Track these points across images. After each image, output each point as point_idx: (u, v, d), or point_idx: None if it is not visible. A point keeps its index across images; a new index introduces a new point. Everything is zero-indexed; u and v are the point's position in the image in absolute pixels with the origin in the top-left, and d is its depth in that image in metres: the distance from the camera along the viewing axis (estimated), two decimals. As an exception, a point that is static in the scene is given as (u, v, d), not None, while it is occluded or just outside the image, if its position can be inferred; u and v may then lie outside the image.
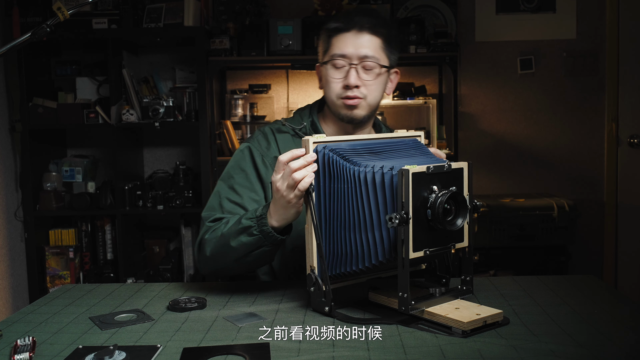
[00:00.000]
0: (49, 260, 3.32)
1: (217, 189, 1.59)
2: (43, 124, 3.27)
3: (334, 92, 1.58)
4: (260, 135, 1.65)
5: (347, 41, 1.56)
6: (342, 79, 1.56)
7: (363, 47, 1.56)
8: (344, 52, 1.55)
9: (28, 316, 1.37)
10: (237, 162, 1.60)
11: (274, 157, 1.58)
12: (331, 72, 1.57)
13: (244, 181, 1.57)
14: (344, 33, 1.57)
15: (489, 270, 3.26)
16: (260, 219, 1.37)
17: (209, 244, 1.45)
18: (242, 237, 1.38)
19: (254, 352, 1.10)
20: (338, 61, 1.56)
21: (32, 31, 1.36)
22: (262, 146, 1.62)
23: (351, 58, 1.55)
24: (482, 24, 3.67)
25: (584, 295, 1.41)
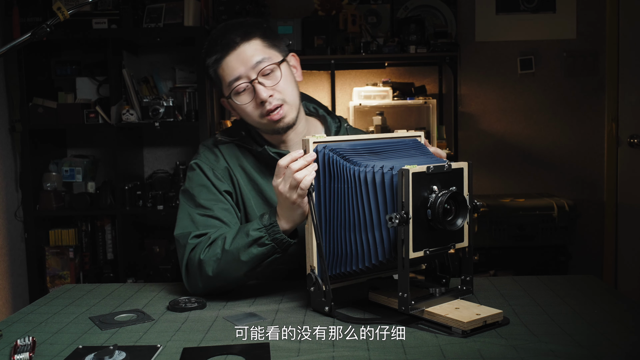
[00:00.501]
0: (49, 260, 3.32)
1: (184, 210, 1.53)
2: (43, 124, 3.27)
3: (255, 115, 1.51)
4: (205, 150, 1.61)
5: (232, 63, 1.48)
6: (253, 100, 1.49)
7: (249, 57, 1.48)
8: (237, 75, 1.48)
9: (28, 316, 1.37)
10: (194, 181, 1.56)
11: (224, 167, 1.56)
12: (239, 100, 1.50)
13: (208, 195, 1.53)
14: (225, 59, 1.49)
15: (489, 270, 3.26)
16: (270, 227, 1.36)
17: (208, 264, 1.41)
18: (252, 249, 1.36)
19: (253, 352, 1.10)
20: (239, 86, 1.48)
21: (32, 31, 1.36)
22: (210, 160, 1.57)
23: (247, 75, 1.48)
24: (482, 24, 3.67)
25: (584, 295, 1.41)
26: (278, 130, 1.52)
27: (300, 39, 3.32)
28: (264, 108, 1.48)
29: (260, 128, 1.55)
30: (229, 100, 1.53)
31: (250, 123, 1.55)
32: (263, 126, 1.53)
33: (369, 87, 3.59)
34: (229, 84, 1.49)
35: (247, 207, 1.55)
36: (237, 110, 1.54)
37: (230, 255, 1.38)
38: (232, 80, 1.49)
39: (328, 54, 3.37)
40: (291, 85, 1.53)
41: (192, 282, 1.45)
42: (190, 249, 1.45)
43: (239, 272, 1.40)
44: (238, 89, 1.49)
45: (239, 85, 1.48)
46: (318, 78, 3.69)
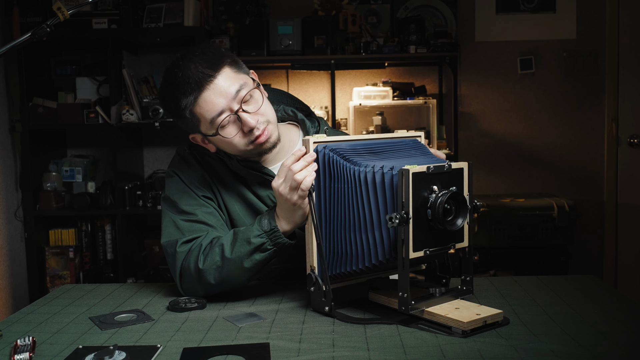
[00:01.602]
0: (49, 260, 3.32)
1: (168, 218, 1.51)
2: (43, 124, 3.27)
3: (242, 145, 1.44)
4: (180, 158, 1.58)
5: (212, 99, 1.39)
6: (240, 130, 1.42)
7: (227, 88, 1.40)
8: (219, 110, 1.40)
9: (28, 316, 1.37)
10: (173, 187, 1.53)
11: (201, 175, 1.53)
12: (226, 133, 1.42)
13: (189, 200, 1.50)
14: (201, 95, 1.39)
15: (489, 270, 3.26)
16: (271, 232, 1.35)
17: (209, 273, 1.39)
18: (255, 255, 1.37)
19: (253, 352, 1.10)
20: (223, 120, 1.40)
21: (32, 31, 1.36)
22: (183, 169, 1.55)
23: (230, 107, 1.40)
24: (482, 24, 3.67)
25: (584, 295, 1.41)
26: (265, 151, 1.48)
27: (300, 39, 3.32)
28: (252, 135, 1.43)
29: (243, 155, 1.48)
30: (208, 138, 1.45)
31: (234, 153, 1.48)
32: (248, 153, 1.47)
33: (369, 87, 3.59)
34: (212, 121, 1.40)
35: (231, 212, 1.53)
36: (218, 144, 1.47)
37: (233, 263, 1.38)
38: (214, 116, 1.40)
39: (328, 54, 3.37)
40: (268, 104, 1.48)
41: (190, 288, 1.44)
42: (181, 257, 1.44)
43: (243, 278, 1.40)
44: (223, 123, 1.41)
45: (223, 120, 1.40)
46: (318, 78, 3.69)
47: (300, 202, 1.30)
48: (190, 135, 1.50)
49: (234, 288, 1.45)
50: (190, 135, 1.50)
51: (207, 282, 1.40)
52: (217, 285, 1.41)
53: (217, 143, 1.47)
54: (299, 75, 3.67)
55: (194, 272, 1.41)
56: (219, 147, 1.48)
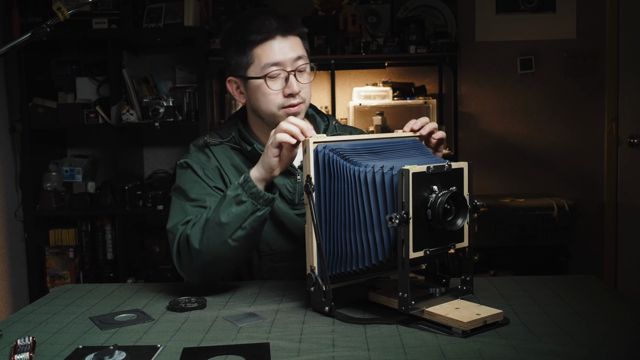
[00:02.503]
0: (49, 260, 3.33)
1: (177, 204, 1.53)
2: (43, 124, 3.27)
3: (275, 104, 1.51)
4: (196, 149, 1.61)
5: (275, 48, 1.49)
6: (282, 89, 1.50)
7: (292, 50, 1.51)
8: (277, 60, 1.49)
9: (28, 316, 1.37)
10: (185, 178, 1.55)
11: (215, 167, 1.57)
12: (270, 84, 1.50)
13: (200, 189, 1.52)
14: (269, 41, 1.49)
15: (489, 270, 3.26)
16: (245, 183, 1.37)
17: (194, 237, 1.40)
18: (232, 208, 1.36)
19: (254, 352, 1.10)
20: (275, 71, 1.49)
21: (32, 31, 1.36)
22: (201, 159, 1.58)
23: (285, 65, 1.49)
24: (482, 24, 3.67)
25: (584, 295, 1.41)
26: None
27: (300, 39, 3.32)
28: (289, 100, 1.51)
29: (269, 118, 1.54)
30: (249, 81, 1.52)
31: (262, 110, 1.54)
32: (276, 118, 1.52)
33: (369, 87, 3.59)
34: (265, 66, 1.49)
35: None
36: (254, 94, 1.53)
37: (212, 221, 1.38)
38: (270, 63, 1.48)
39: (328, 54, 3.37)
40: (310, 89, 1.57)
41: (184, 265, 1.44)
42: (180, 233, 1.45)
43: (223, 236, 1.37)
44: (273, 74, 1.49)
45: (275, 71, 1.49)
46: (318, 78, 3.69)
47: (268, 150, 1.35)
48: (230, 77, 1.57)
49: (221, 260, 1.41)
50: (229, 78, 1.57)
51: (193, 248, 1.39)
52: (201, 250, 1.38)
53: (253, 92, 1.53)
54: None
55: (185, 242, 1.42)
56: (252, 98, 1.54)
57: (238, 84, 1.57)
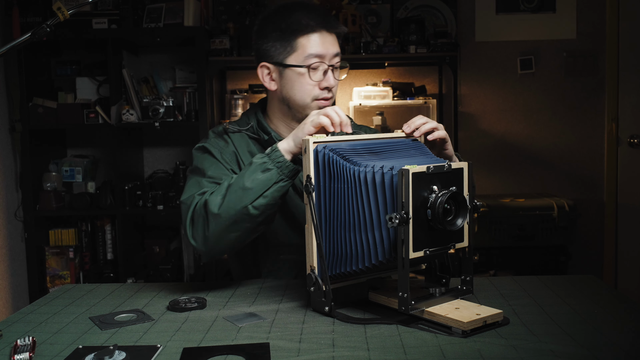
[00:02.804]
0: (49, 260, 3.32)
1: (193, 180, 1.54)
2: (43, 124, 3.27)
3: (310, 95, 1.54)
4: (215, 135, 1.64)
5: (320, 41, 1.52)
6: (319, 82, 1.54)
7: (333, 46, 1.55)
8: (320, 53, 1.52)
9: (28, 316, 1.37)
10: (202, 159, 1.57)
11: (232, 151, 1.60)
12: (313, 75, 1.53)
13: (217, 170, 1.54)
14: (315, 33, 1.52)
15: (489, 270, 3.26)
16: (272, 152, 1.39)
17: (213, 202, 1.39)
18: (257, 174, 1.37)
19: (254, 352, 1.10)
20: (317, 63, 1.52)
21: (32, 31, 1.36)
22: (220, 144, 1.61)
23: (326, 59, 1.53)
24: (482, 24, 3.67)
25: (584, 295, 1.41)
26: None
27: (300, 39, 3.32)
28: (323, 94, 1.55)
29: (298, 108, 1.57)
30: (286, 68, 1.53)
31: (296, 99, 1.56)
32: (305, 109, 1.55)
33: (369, 87, 3.59)
34: (308, 57, 1.52)
35: None
36: (289, 82, 1.55)
37: (235, 185, 1.38)
38: (313, 54, 1.52)
39: (328, 54, 3.36)
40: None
41: (197, 232, 1.42)
42: (196, 201, 1.44)
43: (245, 201, 1.36)
44: (315, 65, 1.52)
45: (316, 63, 1.52)
46: (318, 78, 3.69)
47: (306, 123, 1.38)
48: (262, 63, 1.57)
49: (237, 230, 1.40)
50: (262, 64, 1.58)
51: (211, 213, 1.38)
52: (219, 215, 1.37)
53: (289, 80, 1.55)
54: (299, 75, 3.67)
55: (202, 208, 1.41)
56: (286, 85, 1.56)
57: (271, 70, 1.58)
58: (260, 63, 1.59)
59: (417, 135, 1.42)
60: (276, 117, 1.64)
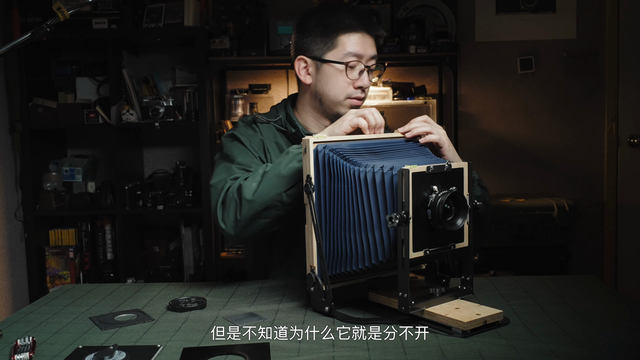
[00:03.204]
0: (49, 260, 3.32)
1: (222, 165, 1.57)
2: (43, 124, 3.27)
3: (344, 92, 1.58)
4: (244, 124, 1.68)
5: (360, 41, 1.56)
6: (354, 80, 1.57)
7: (372, 48, 1.59)
8: (359, 52, 1.56)
9: (28, 316, 1.37)
10: (231, 147, 1.60)
11: (260, 140, 1.63)
12: (350, 74, 1.57)
13: (246, 157, 1.57)
14: (357, 32, 1.56)
15: (489, 270, 3.26)
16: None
17: (247, 188, 1.42)
18: (294, 163, 1.40)
19: (254, 352, 1.10)
20: (355, 62, 1.56)
21: (32, 31, 1.36)
22: (249, 132, 1.64)
23: (363, 59, 1.57)
24: (482, 24, 3.67)
25: (584, 295, 1.41)
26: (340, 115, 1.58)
27: (300, 39, 3.32)
28: (357, 92, 1.57)
29: (330, 104, 1.60)
30: (322, 64, 1.57)
31: (329, 95, 1.59)
32: (337, 106, 1.59)
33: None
34: (347, 54, 1.55)
35: None
36: (324, 77, 1.58)
37: (271, 173, 1.41)
38: (352, 53, 1.55)
39: (328, 54, 3.36)
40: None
41: (228, 216, 1.45)
42: (228, 185, 1.47)
43: (280, 189, 1.40)
44: (352, 64, 1.56)
45: (354, 61, 1.56)
46: (318, 78, 3.69)
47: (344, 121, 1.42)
48: (301, 56, 1.61)
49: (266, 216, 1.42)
50: (300, 57, 1.62)
51: (245, 199, 1.41)
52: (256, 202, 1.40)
53: (325, 75, 1.58)
54: (299, 75, 3.66)
55: (235, 192, 1.44)
56: (322, 80, 1.59)
57: (308, 64, 1.61)
58: (297, 56, 1.63)
59: (409, 137, 1.43)
60: (306, 111, 1.68)
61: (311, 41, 1.59)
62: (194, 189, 3.30)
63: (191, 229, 3.49)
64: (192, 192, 3.27)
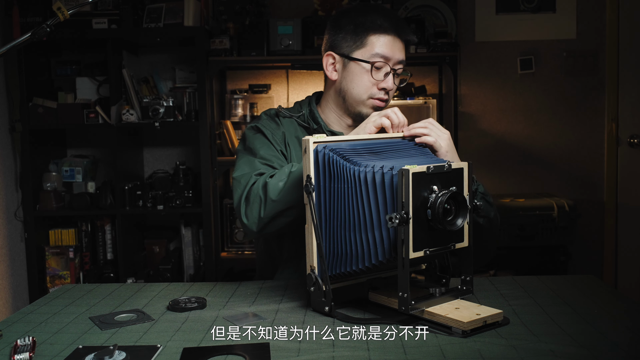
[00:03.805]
0: (49, 260, 3.32)
1: (245, 158, 1.59)
2: (43, 124, 3.27)
3: (367, 92, 1.59)
4: (267, 117, 1.69)
5: (390, 43, 1.58)
6: (378, 81, 1.59)
7: (400, 52, 1.61)
8: (387, 54, 1.58)
9: (28, 316, 1.37)
10: (254, 140, 1.62)
11: (282, 133, 1.65)
12: (375, 74, 1.58)
13: (268, 150, 1.59)
14: (387, 35, 1.58)
15: (489, 270, 3.26)
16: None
17: (273, 187, 1.43)
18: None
19: (254, 352, 1.10)
20: (381, 64, 1.58)
21: (32, 31, 1.36)
22: (271, 126, 1.66)
23: (390, 61, 1.59)
24: (482, 24, 3.67)
25: (584, 295, 1.41)
26: (363, 116, 1.61)
27: (300, 39, 3.32)
28: (380, 93, 1.59)
29: (352, 103, 1.62)
30: (350, 62, 1.59)
31: (353, 94, 1.61)
32: (360, 105, 1.61)
33: (369, 87, 3.58)
34: (374, 55, 1.57)
35: None
36: (351, 74, 1.60)
37: (297, 173, 1.42)
38: (380, 54, 1.57)
39: (328, 54, 3.36)
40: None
41: (251, 212, 1.46)
42: (252, 181, 1.49)
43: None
44: (378, 65, 1.57)
45: (380, 62, 1.57)
46: (318, 78, 3.69)
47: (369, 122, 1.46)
48: (330, 52, 1.64)
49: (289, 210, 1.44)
50: (329, 52, 1.64)
51: (270, 199, 1.42)
52: (280, 201, 1.42)
53: (351, 73, 1.60)
54: (299, 75, 3.67)
55: (261, 189, 1.45)
56: (347, 78, 1.61)
57: (336, 60, 1.64)
58: (327, 52, 1.65)
59: (406, 135, 1.44)
60: (329, 107, 1.69)
61: (342, 38, 1.62)
62: (194, 189, 3.30)
63: (191, 229, 3.49)
64: (192, 192, 3.27)
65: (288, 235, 1.65)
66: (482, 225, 1.52)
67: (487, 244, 1.58)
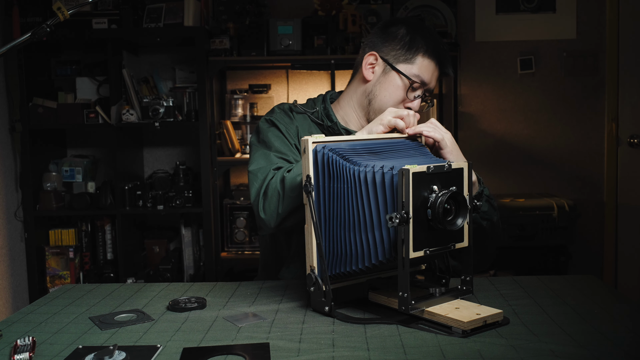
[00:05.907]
0: (49, 260, 3.32)
1: (260, 151, 1.59)
2: (43, 124, 3.27)
3: (394, 105, 1.61)
4: (281, 111, 1.70)
5: (432, 70, 1.62)
6: (408, 100, 1.62)
7: (435, 82, 1.65)
8: (426, 80, 1.62)
9: (28, 316, 1.37)
10: (268, 133, 1.63)
11: (295, 127, 1.65)
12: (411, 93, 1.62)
13: (282, 144, 1.60)
14: (434, 63, 1.62)
15: (489, 270, 3.26)
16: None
17: (292, 182, 1.43)
18: None
19: (254, 352, 1.10)
20: (417, 85, 1.62)
21: (32, 31, 1.36)
22: (285, 119, 1.66)
23: (426, 87, 1.63)
24: (482, 24, 3.67)
25: (584, 295, 1.41)
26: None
27: (300, 39, 3.32)
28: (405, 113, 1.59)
29: (375, 108, 1.64)
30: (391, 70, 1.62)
31: (380, 100, 1.64)
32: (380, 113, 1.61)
33: (369, 87, 3.58)
34: (416, 75, 1.61)
35: None
36: (386, 82, 1.63)
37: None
38: (421, 77, 1.61)
39: (328, 54, 3.36)
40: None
41: (269, 207, 1.47)
42: (270, 176, 1.49)
43: None
44: (417, 87, 1.62)
45: (417, 84, 1.61)
46: (318, 78, 3.69)
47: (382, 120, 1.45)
48: (374, 52, 1.65)
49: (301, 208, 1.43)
50: (372, 52, 1.65)
51: (288, 194, 1.43)
52: (298, 198, 1.41)
53: (386, 81, 1.63)
54: (299, 75, 3.67)
55: (278, 184, 1.45)
56: (381, 84, 1.64)
57: (377, 63, 1.65)
58: (371, 52, 1.66)
59: (410, 133, 1.45)
60: (350, 105, 1.71)
61: (391, 45, 1.64)
62: (194, 189, 3.31)
63: (191, 229, 3.49)
64: (192, 192, 3.27)
65: (296, 231, 1.65)
66: (484, 228, 1.53)
67: (488, 247, 1.58)
